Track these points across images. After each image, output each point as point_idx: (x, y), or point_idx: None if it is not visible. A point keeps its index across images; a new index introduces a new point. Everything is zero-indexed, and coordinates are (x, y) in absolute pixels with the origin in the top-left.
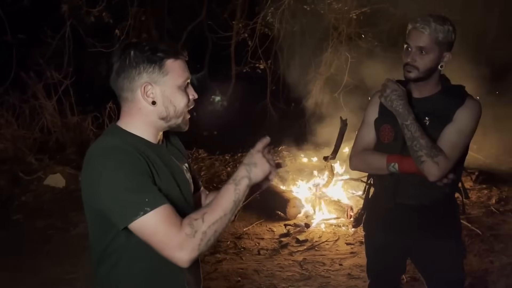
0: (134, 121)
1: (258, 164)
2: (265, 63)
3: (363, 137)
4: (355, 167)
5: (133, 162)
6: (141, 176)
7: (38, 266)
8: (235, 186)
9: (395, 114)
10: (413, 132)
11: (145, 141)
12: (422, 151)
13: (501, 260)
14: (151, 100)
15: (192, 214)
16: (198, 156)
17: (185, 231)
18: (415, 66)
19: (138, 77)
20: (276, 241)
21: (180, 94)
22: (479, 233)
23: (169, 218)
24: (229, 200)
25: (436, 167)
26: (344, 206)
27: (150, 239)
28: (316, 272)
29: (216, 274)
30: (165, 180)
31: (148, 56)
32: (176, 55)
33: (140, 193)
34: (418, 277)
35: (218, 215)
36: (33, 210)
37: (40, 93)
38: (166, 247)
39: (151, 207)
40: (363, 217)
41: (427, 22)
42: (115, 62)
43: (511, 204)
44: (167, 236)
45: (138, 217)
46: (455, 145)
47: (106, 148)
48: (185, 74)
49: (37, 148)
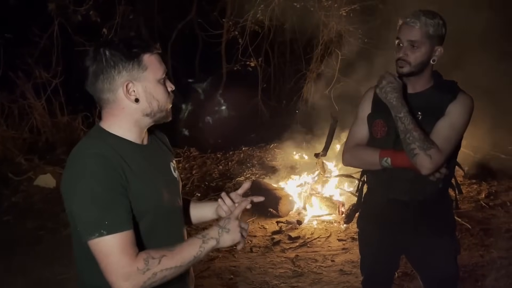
0: (118, 122)
1: (231, 232)
2: (255, 61)
3: (355, 133)
4: (348, 163)
5: (107, 175)
6: (111, 193)
7: (29, 267)
8: (201, 243)
9: (389, 106)
10: (406, 124)
11: (129, 143)
12: (415, 143)
13: (491, 254)
14: (134, 98)
15: (152, 251)
16: (189, 155)
17: (137, 264)
18: (406, 60)
19: (118, 76)
20: (268, 238)
21: (161, 88)
22: (469, 227)
23: (124, 246)
24: (190, 254)
25: (429, 159)
26: (335, 203)
27: (99, 260)
28: (309, 269)
29: (209, 272)
30: (148, 182)
31: (124, 53)
32: (152, 49)
33: (103, 213)
34: (410, 272)
35: (175, 264)
36: (24, 211)
37: (29, 93)
38: (112, 273)
39: (108, 231)
40: (356, 213)
41: (417, 16)
42: (90, 65)
43: (501, 199)
44: (117, 264)
45: (93, 238)
46: (448, 139)
47: (85, 154)
48: (162, 67)
49: (26, 149)
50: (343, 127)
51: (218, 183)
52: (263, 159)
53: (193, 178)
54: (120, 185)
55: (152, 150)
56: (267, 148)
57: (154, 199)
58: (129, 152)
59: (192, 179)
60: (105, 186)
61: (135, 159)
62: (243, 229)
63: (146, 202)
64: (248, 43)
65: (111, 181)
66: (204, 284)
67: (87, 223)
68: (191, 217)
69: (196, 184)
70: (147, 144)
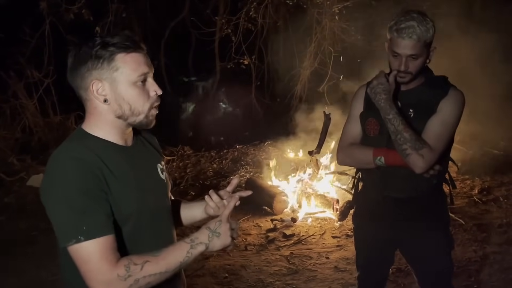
0: (96, 122)
1: (221, 236)
2: (249, 58)
3: (349, 131)
4: (342, 161)
5: (85, 180)
6: (89, 198)
7: (22, 268)
8: (189, 248)
9: (378, 107)
10: (396, 125)
11: (111, 144)
12: (406, 144)
13: (484, 250)
14: (103, 98)
15: (134, 257)
16: (183, 153)
17: (118, 271)
18: (408, 72)
19: (87, 74)
20: (263, 236)
21: (135, 91)
22: (462, 223)
23: (104, 252)
24: (176, 260)
25: (422, 159)
26: (330, 200)
27: (79, 266)
28: (303, 266)
29: (203, 271)
30: (130, 185)
31: (96, 51)
32: (128, 48)
33: (80, 218)
34: (404, 268)
35: (159, 270)
36: (16, 212)
37: (21, 92)
38: (92, 279)
39: (86, 237)
40: (350, 210)
41: (413, 28)
42: (69, 60)
43: (494, 194)
44: (96, 270)
45: (71, 244)
46: (440, 137)
47: (62, 159)
48: (140, 69)
49: (19, 149)
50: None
51: (213, 181)
52: (258, 157)
53: (187, 177)
54: (98, 189)
55: (137, 151)
56: (261, 146)
57: (137, 201)
58: (110, 154)
59: (186, 178)
60: (82, 191)
61: (117, 162)
62: (233, 231)
63: (129, 205)
64: (241, 41)
65: (89, 186)
66: (198, 283)
67: (64, 229)
68: (182, 218)
69: (190, 182)
70: (132, 145)
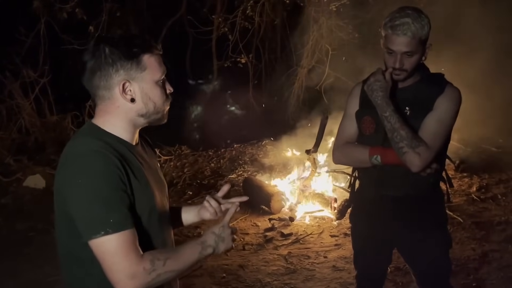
0: (112, 120)
1: (225, 241)
2: (246, 57)
3: (344, 130)
4: (338, 160)
5: (110, 173)
6: (114, 191)
7: (18, 269)
8: (201, 250)
9: (374, 104)
10: (392, 123)
11: (124, 142)
12: (403, 142)
13: (482, 247)
14: (130, 98)
15: (157, 253)
16: (181, 153)
17: (144, 264)
18: (403, 69)
19: (115, 74)
20: (261, 235)
21: (159, 90)
22: (461, 221)
23: (130, 245)
24: (191, 260)
25: (418, 157)
26: (328, 199)
27: (103, 259)
28: (301, 266)
29: (201, 271)
30: (144, 183)
31: (124, 52)
32: (152, 49)
33: (107, 211)
34: (402, 267)
35: (178, 267)
36: (13, 213)
37: (17, 92)
38: (119, 271)
39: (114, 229)
40: (348, 209)
41: (407, 25)
42: (88, 60)
43: (492, 192)
44: (123, 263)
45: (98, 236)
46: (437, 135)
47: (85, 152)
48: (161, 69)
49: (15, 149)
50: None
51: (210, 180)
52: (255, 156)
53: (184, 176)
54: (122, 183)
55: (142, 151)
56: (259, 145)
57: (149, 200)
58: (125, 150)
59: (184, 177)
60: (109, 184)
61: (131, 158)
62: (234, 236)
63: (143, 201)
64: (238, 40)
65: (114, 179)
66: (196, 283)
67: (91, 221)
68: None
69: (188, 182)
70: (137, 144)
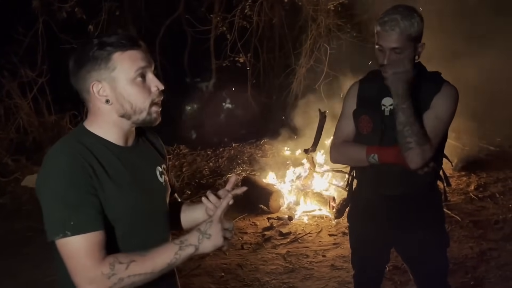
0: (97, 121)
1: (212, 237)
2: (244, 56)
3: (342, 129)
4: (335, 159)
5: (76, 175)
6: (79, 193)
7: (17, 269)
8: (177, 250)
9: (393, 93)
10: (408, 116)
11: (109, 143)
12: (412, 137)
13: (480, 246)
14: (105, 99)
15: (121, 256)
16: (179, 152)
17: (102, 269)
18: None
19: (87, 76)
20: (259, 235)
21: (135, 88)
22: (459, 219)
23: (90, 248)
24: (164, 261)
25: (421, 155)
26: (326, 198)
27: (65, 261)
28: (300, 265)
29: (199, 270)
30: (123, 185)
31: (94, 53)
32: (124, 46)
33: (69, 213)
34: (400, 266)
35: (145, 270)
36: (11, 212)
37: (15, 92)
38: (77, 275)
39: (73, 232)
40: (346, 208)
41: (396, 21)
42: (69, 63)
43: (490, 190)
44: (81, 266)
45: (58, 238)
46: (435, 133)
47: (55, 153)
48: (137, 65)
49: (13, 149)
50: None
51: (209, 180)
52: (254, 155)
53: (183, 176)
54: (89, 185)
55: (136, 152)
56: (258, 144)
57: (130, 203)
58: (106, 153)
59: (182, 177)
60: (73, 185)
61: (112, 161)
62: (226, 231)
63: (122, 204)
64: (236, 39)
65: (80, 181)
66: (195, 282)
67: (52, 222)
68: (182, 221)
69: (186, 181)
70: (132, 145)
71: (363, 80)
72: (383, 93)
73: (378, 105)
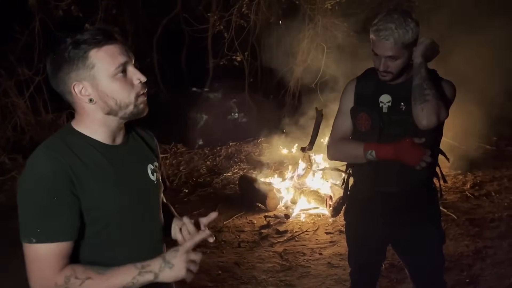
0: (84, 121)
1: (174, 268)
2: (242, 55)
3: (339, 126)
4: (333, 156)
5: (55, 180)
6: (54, 200)
7: (13, 267)
8: (136, 275)
9: (418, 54)
10: (427, 74)
11: (95, 142)
12: (431, 90)
13: (476, 244)
14: (87, 99)
15: (79, 270)
16: (176, 151)
17: (57, 279)
18: (388, 72)
19: (66, 78)
20: (256, 233)
21: (117, 84)
22: (455, 217)
23: (51, 258)
24: (120, 284)
25: (434, 110)
26: (323, 196)
27: (26, 263)
28: (297, 262)
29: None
30: (109, 185)
31: (69, 53)
32: (99, 42)
33: (39, 219)
34: (397, 263)
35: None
36: (7, 211)
37: (12, 90)
38: (32, 280)
39: (38, 239)
40: (343, 206)
41: (390, 30)
42: (47, 66)
43: (486, 189)
44: (37, 273)
45: (24, 242)
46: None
47: (37, 156)
48: (116, 60)
49: (10, 147)
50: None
51: (206, 178)
52: (251, 154)
53: (180, 174)
54: (68, 193)
55: (125, 150)
56: (255, 142)
57: (117, 201)
58: (91, 152)
59: (180, 175)
60: (49, 193)
61: (97, 160)
62: (191, 263)
63: (108, 203)
64: (234, 38)
65: (57, 187)
66: (191, 280)
67: (23, 225)
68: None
69: (183, 180)
70: (121, 144)
71: (360, 78)
72: (381, 90)
73: (376, 102)
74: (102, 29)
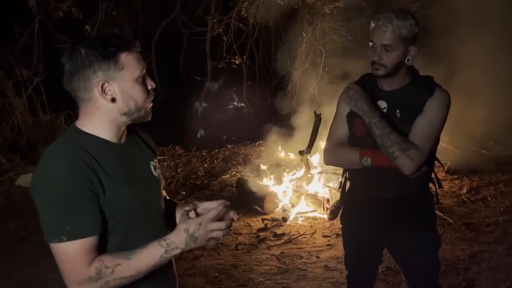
0: (93, 120)
1: (199, 240)
2: (240, 58)
3: (336, 132)
4: (329, 162)
5: (74, 179)
6: (76, 198)
7: (10, 268)
8: (163, 253)
9: (361, 113)
10: (382, 129)
11: (104, 141)
12: (394, 147)
13: (472, 248)
14: (110, 98)
15: (107, 259)
16: (174, 153)
17: (89, 273)
18: (382, 64)
19: (93, 76)
20: (253, 235)
21: (139, 87)
22: (451, 222)
23: (80, 253)
24: (148, 264)
25: (410, 161)
26: (320, 199)
27: (57, 262)
28: (294, 265)
29: (194, 271)
30: (122, 182)
31: (100, 52)
32: (129, 47)
33: (65, 218)
34: (393, 267)
35: (130, 273)
36: (5, 211)
37: (10, 91)
38: (68, 278)
39: (68, 237)
40: (339, 210)
41: (389, 19)
42: (66, 63)
43: (482, 193)
44: (71, 270)
45: (53, 242)
46: (427, 137)
47: (53, 158)
48: (140, 66)
49: (7, 148)
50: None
51: (204, 181)
52: (249, 157)
53: (178, 177)
54: (88, 190)
55: (129, 149)
56: (253, 145)
57: (130, 198)
58: (101, 151)
59: (177, 178)
60: (69, 191)
61: (109, 159)
62: (214, 232)
63: (123, 201)
64: (232, 41)
65: (78, 186)
66: (189, 283)
67: (49, 227)
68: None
69: (181, 182)
70: (125, 143)
71: (356, 83)
72: (376, 97)
73: None
74: (126, 36)
